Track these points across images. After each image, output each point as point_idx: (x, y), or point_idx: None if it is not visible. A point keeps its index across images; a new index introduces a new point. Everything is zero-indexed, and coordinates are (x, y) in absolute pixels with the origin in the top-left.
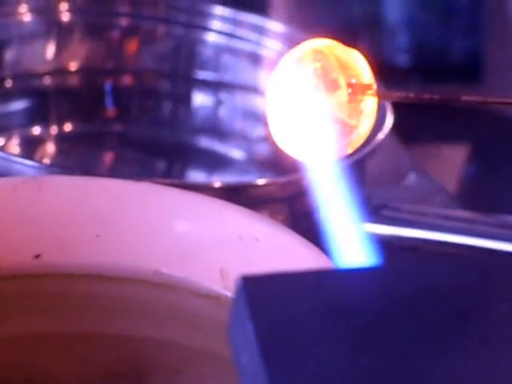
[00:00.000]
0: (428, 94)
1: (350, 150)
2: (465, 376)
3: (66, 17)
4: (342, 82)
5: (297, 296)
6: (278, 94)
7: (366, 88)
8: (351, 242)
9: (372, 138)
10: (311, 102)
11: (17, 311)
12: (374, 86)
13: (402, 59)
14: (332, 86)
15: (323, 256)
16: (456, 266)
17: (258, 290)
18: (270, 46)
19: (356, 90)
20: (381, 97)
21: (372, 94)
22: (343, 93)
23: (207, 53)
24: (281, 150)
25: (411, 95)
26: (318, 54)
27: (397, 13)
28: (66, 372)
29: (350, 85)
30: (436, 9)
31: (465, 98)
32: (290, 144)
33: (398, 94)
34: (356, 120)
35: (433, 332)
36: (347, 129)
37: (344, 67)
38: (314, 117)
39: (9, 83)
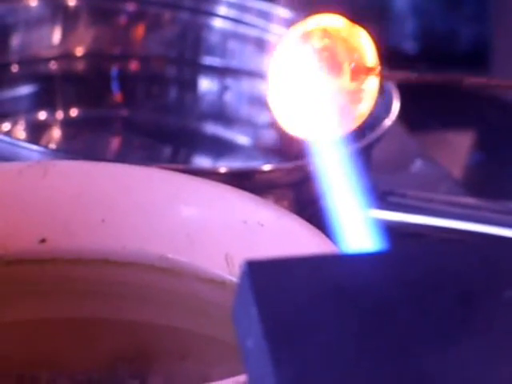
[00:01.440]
0: (431, 76)
1: (352, 126)
2: (469, 363)
3: (72, 2)
4: (345, 60)
5: (301, 281)
6: (280, 73)
7: (369, 68)
8: (357, 227)
9: (379, 125)
10: (314, 81)
11: (22, 296)
12: (378, 66)
13: (410, 46)
14: (335, 65)
15: (328, 242)
16: (461, 252)
17: (263, 274)
18: (276, 32)
19: (359, 69)
20: (383, 77)
21: (375, 74)
22: (346, 71)
23: (213, 38)
24: (286, 136)
25: (414, 76)
26: (322, 31)
27: (403, 0)
28: (71, 356)
29: (352, 63)
30: None
31: (467, 80)
32: (292, 122)
33: (401, 75)
34: (358, 97)
35: (437, 318)
36: (349, 106)
37: (348, 46)
38: (316, 94)
39: (15, 68)
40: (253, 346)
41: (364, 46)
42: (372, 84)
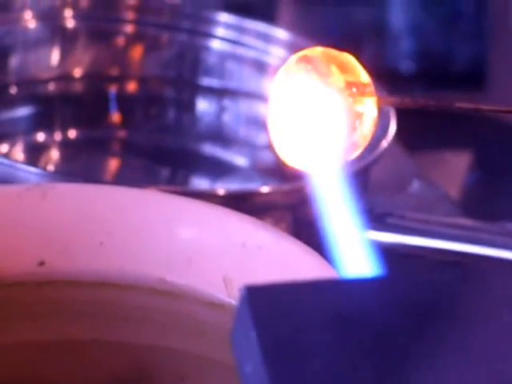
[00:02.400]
0: (423, 100)
1: (355, 153)
2: None
3: (70, 23)
4: (341, 86)
5: (300, 306)
6: (277, 104)
7: (365, 91)
8: (354, 249)
9: (376, 146)
10: (310, 109)
11: (21, 318)
12: (373, 89)
13: (406, 66)
14: (331, 91)
15: (326, 264)
16: (459, 276)
17: (262, 299)
18: (274, 53)
19: (355, 93)
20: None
21: (373, 98)
22: (342, 97)
23: (212, 60)
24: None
25: (406, 100)
26: (313, 60)
27: (401, 19)
28: (70, 379)
29: (348, 89)
30: (440, 15)
31: (458, 104)
32: (293, 154)
33: (394, 99)
34: (358, 122)
35: (436, 343)
36: (349, 132)
37: (341, 73)
38: (314, 123)
39: (13, 89)
40: (252, 371)
41: (357, 71)
42: (370, 105)
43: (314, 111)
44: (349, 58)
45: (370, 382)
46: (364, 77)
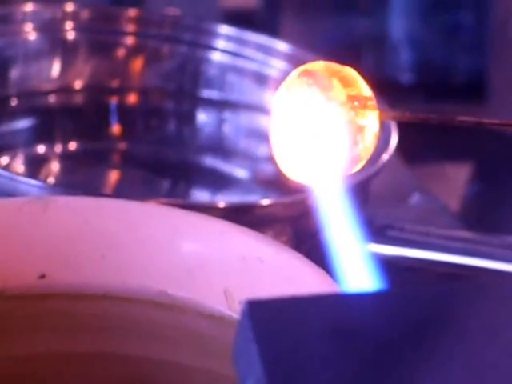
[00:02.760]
0: (424, 114)
1: (357, 167)
2: None
3: (71, 35)
4: (343, 100)
5: (302, 321)
6: (279, 118)
7: (366, 105)
8: (355, 262)
9: (376, 159)
10: (312, 123)
11: (21, 331)
12: (374, 103)
13: (406, 77)
14: (332, 105)
15: (327, 277)
16: (460, 289)
17: (263, 314)
18: (274, 65)
19: (357, 107)
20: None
21: (372, 109)
22: (344, 110)
23: (212, 72)
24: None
25: (408, 114)
26: (315, 74)
27: (400, 31)
28: None
29: (350, 102)
30: (439, 27)
31: (460, 118)
32: (294, 168)
33: (395, 113)
34: (359, 136)
35: (438, 358)
36: (351, 145)
37: (343, 86)
38: (316, 137)
39: (14, 101)
40: None
41: (359, 84)
42: (371, 119)
43: (316, 125)
44: (350, 72)
45: None
46: (366, 90)
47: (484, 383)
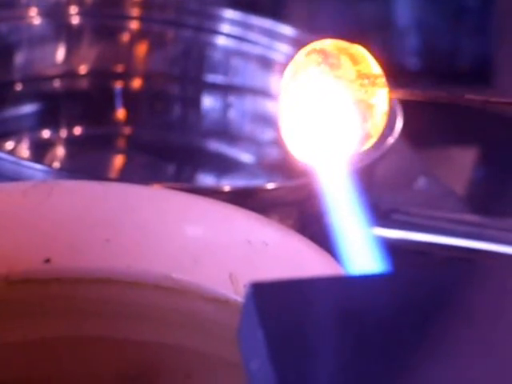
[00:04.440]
0: (433, 93)
1: (367, 144)
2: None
3: (75, 20)
4: (352, 77)
5: (307, 303)
6: (288, 98)
7: (375, 82)
8: (360, 245)
9: (382, 142)
10: (322, 100)
11: (27, 315)
12: (384, 80)
13: (412, 62)
14: (342, 83)
15: (332, 261)
16: (466, 272)
17: (268, 296)
18: (279, 49)
19: (366, 84)
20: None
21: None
22: (353, 88)
23: (217, 56)
24: (290, 154)
25: (416, 93)
26: (325, 53)
27: (407, 15)
28: (76, 376)
29: (359, 80)
30: (446, 11)
31: (468, 96)
32: (303, 146)
33: (403, 92)
34: (369, 113)
35: (443, 341)
36: (361, 122)
37: (352, 64)
38: (326, 114)
39: (19, 86)
40: (258, 368)
41: (368, 63)
42: (382, 100)
43: (325, 103)
44: (359, 50)
45: (376, 378)
46: (375, 68)
47: (489, 366)
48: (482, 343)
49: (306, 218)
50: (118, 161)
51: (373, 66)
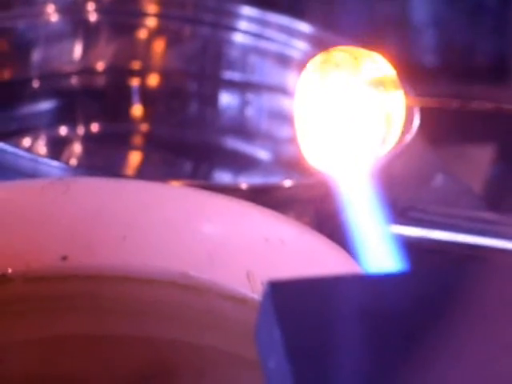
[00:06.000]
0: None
1: (383, 150)
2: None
3: (93, 17)
4: (368, 84)
5: (324, 302)
6: (304, 102)
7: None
8: (377, 243)
9: (399, 140)
10: (338, 106)
11: (44, 313)
12: (400, 86)
13: (429, 59)
14: (358, 89)
15: (350, 259)
16: (484, 271)
17: (286, 295)
18: (296, 47)
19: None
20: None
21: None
22: (370, 94)
23: (234, 53)
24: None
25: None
26: (341, 58)
27: (424, 12)
28: (90, 374)
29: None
30: (463, 8)
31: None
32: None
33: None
34: (385, 119)
35: (462, 340)
36: (377, 128)
37: (368, 70)
38: (342, 120)
39: (36, 83)
40: (275, 367)
41: (385, 71)
42: (399, 106)
43: (342, 108)
44: (376, 56)
45: (394, 378)
46: (391, 75)
47: (504, 364)
48: (504, 341)
49: (323, 216)
50: (135, 158)
51: (389, 73)
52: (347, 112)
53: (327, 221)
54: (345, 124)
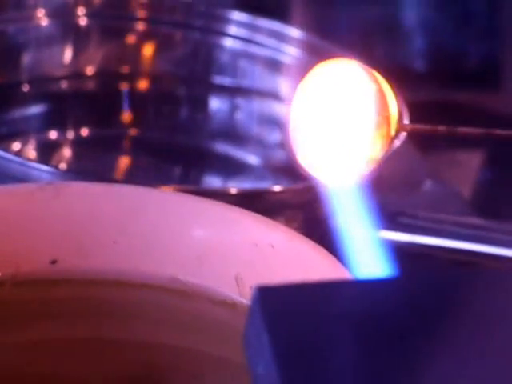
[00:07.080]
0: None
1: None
2: None
3: (83, 21)
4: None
5: (312, 307)
6: (299, 112)
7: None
8: (367, 249)
9: (388, 145)
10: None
11: (34, 317)
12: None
13: (419, 64)
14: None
15: (339, 265)
16: (472, 276)
17: (274, 300)
18: (286, 52)
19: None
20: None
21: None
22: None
23: (224, 58)
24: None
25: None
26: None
27: (413, 17)
28: (84, 377)
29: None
30: (453, 13)
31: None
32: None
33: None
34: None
35: (450, 345)
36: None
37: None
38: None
39: (26, 87)
40: (263, 372)
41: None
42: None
43: (333, 115)
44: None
45: (383, 381)
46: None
47: (496, 369)
48: (491, 347)
49: (313, 221)
50: (125, 162)
51: (381, 81)
52: (338, 118)
53: (316, 226)
54: (335, 130)
